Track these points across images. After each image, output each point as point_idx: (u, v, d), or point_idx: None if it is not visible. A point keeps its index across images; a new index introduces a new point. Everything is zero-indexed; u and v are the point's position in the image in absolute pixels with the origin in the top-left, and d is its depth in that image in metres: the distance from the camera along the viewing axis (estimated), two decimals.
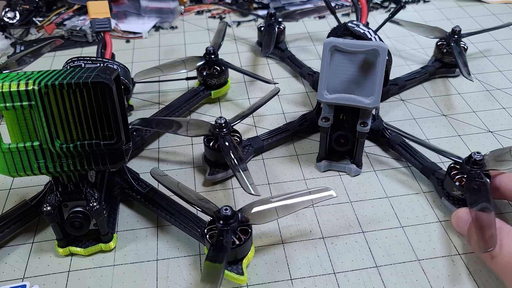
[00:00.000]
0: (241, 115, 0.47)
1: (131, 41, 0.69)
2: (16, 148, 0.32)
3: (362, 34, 0.45)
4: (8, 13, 0.70)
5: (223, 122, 0.44)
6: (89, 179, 0.37)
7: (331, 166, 0.47)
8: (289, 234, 0.41)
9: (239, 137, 0.45)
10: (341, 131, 0.44)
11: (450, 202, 0.41)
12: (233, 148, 0.42)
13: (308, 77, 0.58)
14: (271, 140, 0.48)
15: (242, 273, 0.36)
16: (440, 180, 0.43)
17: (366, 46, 0.39)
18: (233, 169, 0.41)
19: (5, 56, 0.66)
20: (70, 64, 0.41)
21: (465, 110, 0.54)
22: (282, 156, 0.48)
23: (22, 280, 0.38)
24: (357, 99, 0.40)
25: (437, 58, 0.59)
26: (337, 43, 0.40)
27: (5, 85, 0.31)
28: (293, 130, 0.49)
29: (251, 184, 0.39)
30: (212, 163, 0.45)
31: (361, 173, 0.46)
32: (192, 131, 0.45)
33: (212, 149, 0.44)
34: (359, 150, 0.45)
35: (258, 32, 0.64)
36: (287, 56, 0.62)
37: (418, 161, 0.45)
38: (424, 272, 0.37)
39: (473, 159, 0.40)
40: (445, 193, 0.42)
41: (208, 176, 0.45)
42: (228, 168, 0.45)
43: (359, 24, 0.47)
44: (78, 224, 0.37)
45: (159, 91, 0.58)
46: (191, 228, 0.39)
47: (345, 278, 0.37)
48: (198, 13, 0.76)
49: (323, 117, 0.42)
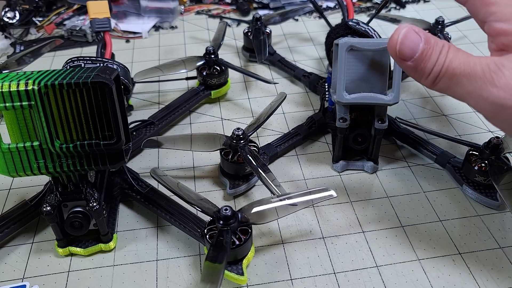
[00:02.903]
0: (256, 125, 0.46)
1: (131, 41, 0.69)
2: (16, 148, 0.32)
3: (364, 31, 0.45)
4: (8, 13, 0.70)
5: (241, 134, 0.42)
6: (89, 179, 0.37)
7: (349, 165, 0.46)
8: (289, 234, 0.41)
9: (257, 146, 0.44)
10: (359, 130, 0.44)
11: (471, 188, 0.42)
12: (254, 157, 0.41)
13: (304, 78, 0.57)
14: (283, 146, 0.48)
15: (242, 273, 0.36)
16: (456, 168, 0.44)
17: (381, 43, 0.39)
18: (261, 176, 0.40)
19: (5, 56, 0.66)
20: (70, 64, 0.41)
21: (465, 110, 0.54)
22: (282, 156, 0.48)
23: (22, 280, 0.38)
24: (378, 97, 0.40)
25: None
26: (353, 42, 0.39)
27: (5, 85, 0.31)
28: (304, 134, 0.49)
29: (277, 186, 0.39)
30: (231, 176, 0.44)
31: (378, 170, 0.46)
32: (209, 146, 0.44)
33: (232, 162, 0.43)
34: (376, 147, 0.44)
35: (244, 37, 0.63)
36: (277, 59, 0.61)
37: (431, 151, 0.46)
38: (424, 272, 0.37)
39: (492, 144, 0.40)
40: (465, 180, 0.42)
41: (230, 190, 0.43)
42: (249, 179, 0.44)
43: (359, 22, 0.47)
44: (78, 224, 0.37)
45: (159, 91, 0.58)
46: (191, 228, 0.39)
47: (345, 278, 0.37)
48: (198, 13, 0.76)
49: (340, 118, 0.42)
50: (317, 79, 0.56)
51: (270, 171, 0.41)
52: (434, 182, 0.45)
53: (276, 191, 0.39)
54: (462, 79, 0.28)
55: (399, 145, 0.49)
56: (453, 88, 0.29)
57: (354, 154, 0.47)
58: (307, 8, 0.71)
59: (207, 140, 0.44)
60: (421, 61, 0.29)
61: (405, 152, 0.48)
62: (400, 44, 0.29)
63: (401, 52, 0.30)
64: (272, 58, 0.62)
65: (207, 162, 0.48)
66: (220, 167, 0.45)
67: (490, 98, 0.27)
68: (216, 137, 0.44)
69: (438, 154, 0.46)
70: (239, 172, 0.44)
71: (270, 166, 0.47)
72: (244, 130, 0.43)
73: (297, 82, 0.59)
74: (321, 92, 0.53)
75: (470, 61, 0.28)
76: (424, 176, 0.46)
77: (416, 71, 0.30)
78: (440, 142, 0.48)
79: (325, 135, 0.51)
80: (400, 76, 0.40)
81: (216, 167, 0.47)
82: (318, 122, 0.50)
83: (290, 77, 0.60)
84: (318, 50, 0.66)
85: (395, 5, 0.77)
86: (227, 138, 0.44)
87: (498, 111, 0.28)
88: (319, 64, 0.63)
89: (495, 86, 0.27)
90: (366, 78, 0.41)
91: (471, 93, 0.28)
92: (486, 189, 0.42)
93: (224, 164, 0.44)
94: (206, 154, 0.47)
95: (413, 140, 0.47)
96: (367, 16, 0.74)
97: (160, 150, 0.49)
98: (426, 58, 0.29)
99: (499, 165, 0.40)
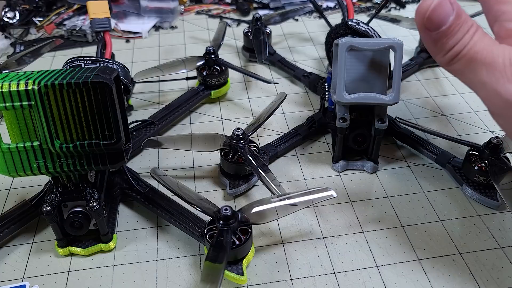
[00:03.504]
0: (256, 125, 0.46)
1: (131, 41, 0.69)
2: (16, 148, 0.32)
3: (364, 31, 0.45)
4: (8, 13, 0.70)
5: (241, 134, 0.43)
6: (89, 179, 0.37)
7: (348, 165, 0.46)
8: (289, 234, 0.41)
9: (257, 146, 0.44)
10: (359, 130, 0.44)
11: (471, 188, 0.42)
12: (254, 157, 0.42)
13: (304, 78, 0.57)
14: (283, 146, 0.48)
15: (242, 273, 0.36)
16: (456, 168, 0.44)
17: (382, 43, 0.39)
18: (261, 176, 0.40)
19: (5, 56, 0.66)
20: (69, 64, 0.41)
21: (465, 110, 0.54)
22: (282, 156, 0.48)
23: (22, 280, 0.38)
24: (378, 97, 0.40)
25: (423, 48, 0.60)
26: (353, 42, 0.39)
27: (5, 85, 0.31)
28: (304, 134, 0.49)
29: (277, 186, 0.39)
30: (232, 176, 0.44)
31: (378, 170, 0.46)
32: (209, 147, 0.44)
33: (232, 162, 0.43)
34: (376, 147, 0.44)
35: (244, 37, 0.63)
36: (277, 59, 0.61)
37: (431, 151, 0.46)
38: (424, 272, 0.37)
39: (492, 144, 0.40)
40: (465, 180, 0.43)
41: (230, 190, 0.43)
42: (249, 179, 0.44)
43: (359, 22, 0.47)
44: (78, 224, 0.37)
45: (159, 91, 0.58)
46: (191, 228, 0.39)
47: (345, 278, 0.37)
48: (198, 13, 0.76)
49: (340, 118, 0.42)
50: (317, 79, 0.56)
51: (270, 171, 0.41)
52: (434, 182, 0.45)
53: (276, 191, 0.39)
54: (481, 67, 0.27)
55: (399, 145, 0.49)
56: (467, 73, 0.28)
57: (354, 154, 0.47)
58: (307, 8, 0.71)
59: (207, 140, 0.44)
60: (445, 36, 0.27)
61: (405, 152, 0.48)
62: (432, 12, 0.27)
63: (430, 20, 0.27)
64: (272, 58, 0.62)
65: (207, 162, 0.48)
66: (220, 167, 0.45)
67: (505, 94, 0.26)
68: (216, 137, 0.44)
69: (438, 154, 0.46)
70: (239, 172, 0.44)
71: (270, 166, 0.47)
72: (244, 130, 0.43)
73: (297, 82, 0.59)
74: (321, 92, 0.53)
75: (494, 50, 0.27)
76: (424, 176, 0.46)
77: (436, 45, 0.28)
78: (440, 142, 0.48)
79: (325, 135, 0.51)
80: (400, 76, 0.40)
81: (216, 167, 0.47)
82: (318, 122, 0.50)
83: (290, 77, 0.60)
84: (318, 50, 0.66)
85: (395, 5, 0.77)
86: (227, 138, 0.44)
87: (508, 109, 0.27)
88: (319, 64, 0.63)
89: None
90: (366, 78, 0.41)
91: (486, 84, 0.27)
92: (486, 189, 0.42)
93: (224, 164, 0.44)
94: (206, 154, 0.47)
95: (413, 140, 0.47)
96: (367, 16, 0.74)
97: (160, 150, 0.49)
98: (452, 33, 0.27)
99: (499, 165, 0.40)
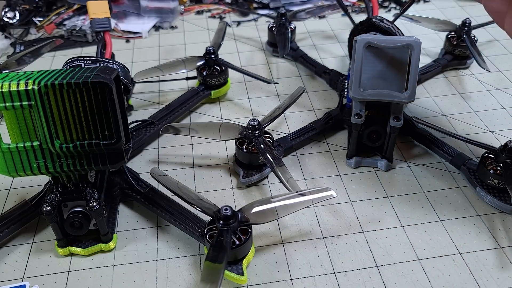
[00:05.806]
0: (272, 116, 0.47)
1: (131, 41, 0.69)
2: (16, 148, 0.32)
3: (387, 29, 0.45)
4: (8, 13, 0.70)
5: (256, 124, 0.43)
6: (89, 179, 0.37)
7: (362, 162, 0.46)
8: (289, 234, 0.41)
9: (271, 137, 0.45)
10: (374, 127, 0.44)
11: (485, 191, 0.42)
12: (268, 148, 0.42)
13: (324, 75, 0.58)
14: (299, 140, 0.48)
15: (242, 273, 0.36)
16: (471, 170, 0.44)
17: (400, 41, 0.39)
18: (273, 168, 0.41)
19: (5, 56, 0.66)
20: (69, 64, 0.41)
21: (465, 110, 0.54)
22: (281, 157, 0.48)
23: (22, 280, 0.38)
24: (394, 94, 0.40)
25: (448, 51, 0.60)
26: (371, 39, 0.40)
27: (5, 85, 0.31)
28: (320, 129, 0.49)
29: (288, 179, 0.40)
30: (245, 166, 0.45)
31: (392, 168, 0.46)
32: (224, 135, 0.45)
33: (246, 152, 0.44)
34: (391, 145, 0.45)
35: (269, 32, 0.64)
36: (300, 55, 0.62)
37: (446, 152, 0.46)
38: (424, 272, 0.37)
39: (508, 147, 0.40)
40: (479, 182, 0.42)
41: (243, 179, 0.44)
42: (262, 169, 0.45)
43: (383, 19, 0.47)
44: (78, 224, 0.37)
45: (159, 91, 0.58)
46: (191, 228, 0.39)
47: (345, 278, 0.37)
48: (198, 13, 0.76)
49: (355, 114, 0.42)
50: (338, 76, 0.57)
51: (283, 163, 0.41)
52: (434, 182, 0.45)
53: (286, 184, 0.39)
54: None
55: (399, 145, 0.49)
56: None
57: (368, 151, 0.47)
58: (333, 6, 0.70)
59: (223, 129, 0.45)
60: None
61: (405, 152, 0.48)
62: None
63: None
64: (295, 53, 0.62)
65: (207, 162, 0.48)
66: (235, 157, 0.46)
67: None
68: (232, 127, 0.45)
69: (454, 155, 0.45)
70: (253, 162, 0.45)
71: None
72: (260, 121, 0.44)
73: (297, 82, 0.59)
74: (340, 88, 0.54)
75: None
76: (424, 176, 0.46)
77: None
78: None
79: (325, 135, 0.51)
80: (416, 74, 0.40)
81: (216, 167, 0.47)
82: (335, 118, 0.50)
83: (290, 77, 0.60)
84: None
85: (395, 5, 0.77)
86: (242, 128, 0.45)
87: None
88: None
89: None
90: (384, 75, 0.41)
91: None
92: (500, 192, 0.42)
93: (239, 154, 0.45)
94: (206, 154, 0.48)
95: (430, 140, 0.47)
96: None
97: (160, 150, 0.49)
98: None
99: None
